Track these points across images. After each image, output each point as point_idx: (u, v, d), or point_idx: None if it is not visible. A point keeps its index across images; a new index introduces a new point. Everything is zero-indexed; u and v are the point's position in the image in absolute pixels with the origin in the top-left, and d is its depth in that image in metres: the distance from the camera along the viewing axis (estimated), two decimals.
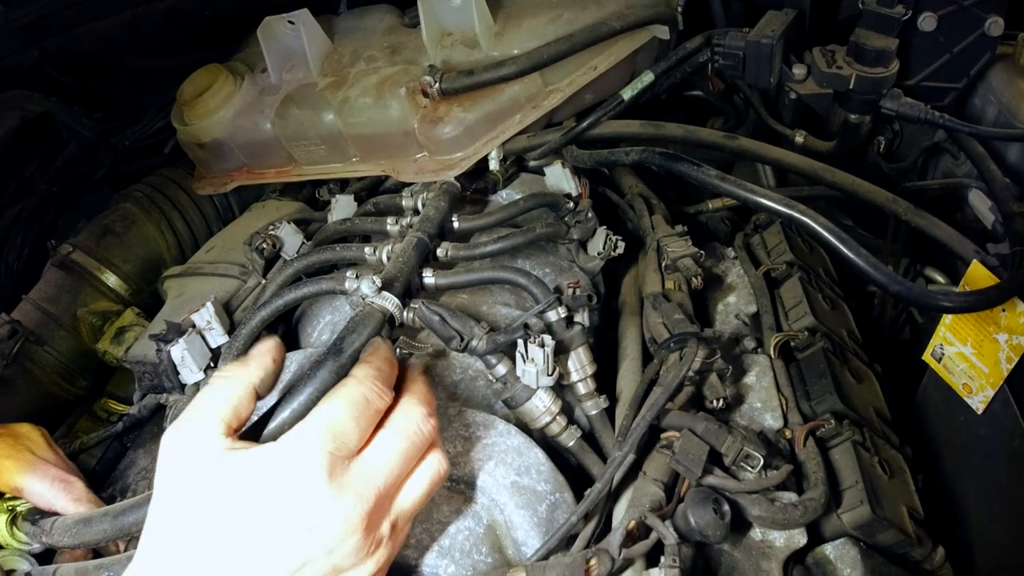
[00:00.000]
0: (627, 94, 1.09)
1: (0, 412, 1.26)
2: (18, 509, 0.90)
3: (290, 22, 1.26)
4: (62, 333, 1.34)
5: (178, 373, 1.03)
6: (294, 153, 1.27)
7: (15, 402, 1.29)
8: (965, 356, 0.99)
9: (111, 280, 1.38)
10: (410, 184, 1.22)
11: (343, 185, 1.38)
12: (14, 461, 0.90)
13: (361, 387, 0.67)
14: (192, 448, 0.63)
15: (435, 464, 0.69)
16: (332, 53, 1.28)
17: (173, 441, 0.64)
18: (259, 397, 0.69)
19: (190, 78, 1.38)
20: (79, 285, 1.38)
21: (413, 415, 0.69)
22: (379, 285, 0.82)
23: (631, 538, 0.75)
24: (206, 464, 0.62)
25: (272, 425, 0.72)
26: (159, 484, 0.63)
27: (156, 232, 1.45)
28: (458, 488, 0.82)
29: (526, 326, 0.86)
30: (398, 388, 0.72)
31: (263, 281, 1.16)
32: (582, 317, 0.95)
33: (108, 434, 1.22)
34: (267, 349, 0.71)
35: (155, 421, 1.20)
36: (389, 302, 0.83)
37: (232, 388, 0.66)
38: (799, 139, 1.21)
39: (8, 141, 1.77)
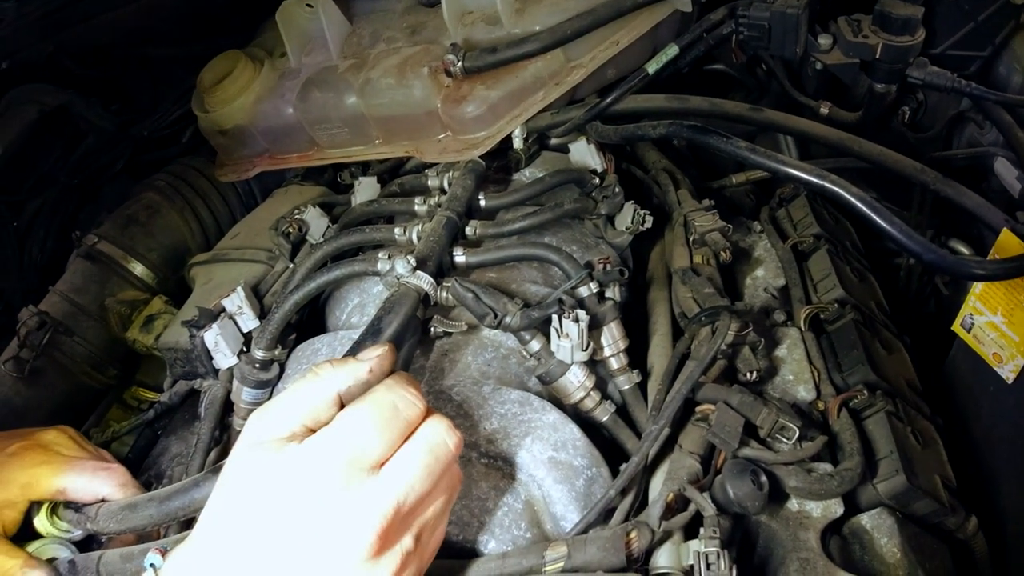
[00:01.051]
0: (652, 67, 1.08)
1: (32, 403, 1.28)
2: (59, 498, 0.91)
3: (308, 5, 1.25)
4: (90, 323, 1.35)
5: (211, 358, 1.04)
6: (316, 137, 1.27)
7: (46, 393, 1.31)
8: (995, 325, 0.99)
9: (137, 269, 1.39)
10: (431, 165, 1.23)
11: (364, 168, 1.38)
12: (48, 466, 0.89)
13: (391, 394, 0.65)
14: (257, 441, 0.63)
15: (456, 475, 0.69)
16: (351, 35, 1.28)
17: (249, 428, 0.65)
18: (342, 406, 0.65)
19: (209, 65, 1.38)
20: (106, 275, 1.39)
21: (440, 427, 0.66)
22: (414, 265, 0.83)
23: (670, 511, 0.76)
24: (259, 460, 0.62)
25: None
26: (227, 465, 0.64)
27: (180, 220, 1.46)
28: (496, 464, 0.83)
29: (560, 301, 0.86)
30: None
31: (290, 265, 1.17)
32: (613, 292, 0.96)
33: (139, 422, 1.24)
34: (371, 356, 0.69)
35: (186, 408, 1.21)
36: (424, 281, 0.83)
37: (316, 393, 0.65)
38: (824, 110, 1.20)
39: (26, 135, 1.79)
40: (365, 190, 1.22)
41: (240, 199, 1.54)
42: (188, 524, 0.86)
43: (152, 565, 0.70)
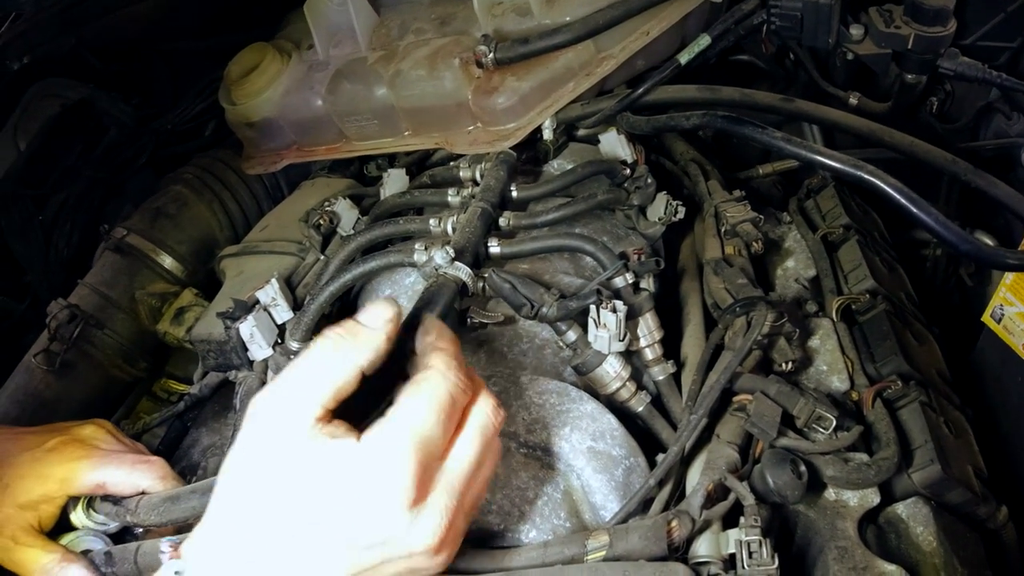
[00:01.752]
0: (684, 58, 1.08)
1: (62, 396, 1.29)
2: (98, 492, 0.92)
3: None
4: (121, 315, 1.36)
5: (247, 350, 1.05)
6: (345, 129, 1.28)
7: (76, 386, 1.32)
8: None
9: (167, 262, 1.40)
10: (459, 156, 1.23)
11: (391, 160, 1.39)
12: (87, 461, 0.91)
13: (446, 383, 0.63)
14: (282, 424, 0.60)
15: (498, 448, 0.68)
16: (379, 26, 1.29)
17: (266, 410, 0.61)
18: (365, 379, 0.63)
19: (236, 58, 1.39)
20: (135, 268, 1.40)
21: (487, 409, 0.65)
22: (452, 256, 0.84)
23: (710, 500, 0.77)
24: (290, 446, 0.60)
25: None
26: (239, 450, 0.61)
27: (208, 213, 1.47)
28: (535, 454, 0.84)
29: (598, 292, 0.87)
30: None
31: (321, 257, 1.18)
32: (648, 283, 0.96)
33: (170, 414, 1.25)
34: (384, 322, 0.65)
35: (216, 399, 1.23)
36: (462, 272, 0.84)
37: (339, 369, 0.62)
38: (853, 100, 1.21)
39: (49, 129, 1.80)
40: (394, 182, 1.22)
41: (267, 191, 1.54)
42: None
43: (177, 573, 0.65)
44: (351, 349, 0.63)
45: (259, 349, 1.03)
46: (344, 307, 1.18)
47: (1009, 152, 1.16)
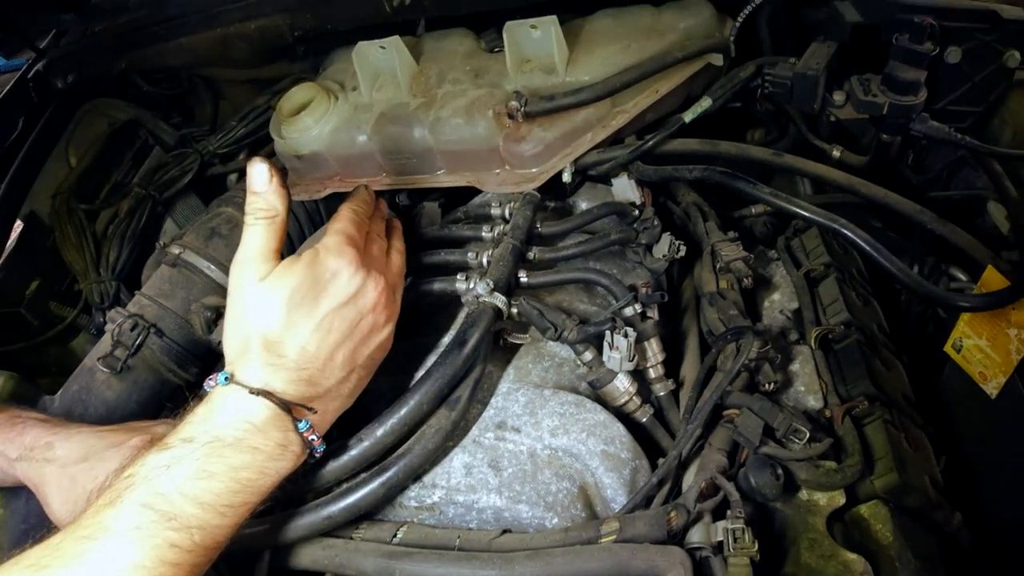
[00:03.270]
0: (688, 117, 1.24)
1: (122, 397, 1.42)
2: None
3: (382, 47, 1.41)
4: (176, 325, 1.48)
5: None
6: (385, 165, 1.42)
7: (135, 388, 1.44)
8: (981, 348, 1.10)
9: (219, 277, 1.53)
10: (481, 192, 1.38)
11: (421, 192, 1.53)
12: None
13: (353, 214, 1.03)
14: (250, 268, 0.92)
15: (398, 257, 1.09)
16: (418, 74, 1.43)
17: (239, 270, 0.93)
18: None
19: (288, 95, 1.52)
20: (191, 282, 1.52)
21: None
22: (492, 286, 0.99)
23: (703, 496, 0.91)
24: (261, 277, 0.92)
25: (412, 401, 0.89)
26: (236, 300, 0.94)
27: None
28: (556, 455, 0.99)
29: (613, 319, 1.02)
30: None
31: None
32: (653, 312, 1.11)
33: None
34: (263, 182, 0.94)
35: None
36: (499, 300, 1.00)
37: (271, 229, 0.93)
38: (836, 153, 1.33)
39: (100, 147, 1.94)
40: (428, 214, 1.37)
41: (308, 215, 1.67)
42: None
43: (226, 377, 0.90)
44: (258, 214, 0.93)
45: None
46: None
47: (976, 201, 1.26)
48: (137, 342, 1.45)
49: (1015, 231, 1.08)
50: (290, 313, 0.90)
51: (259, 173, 0.93)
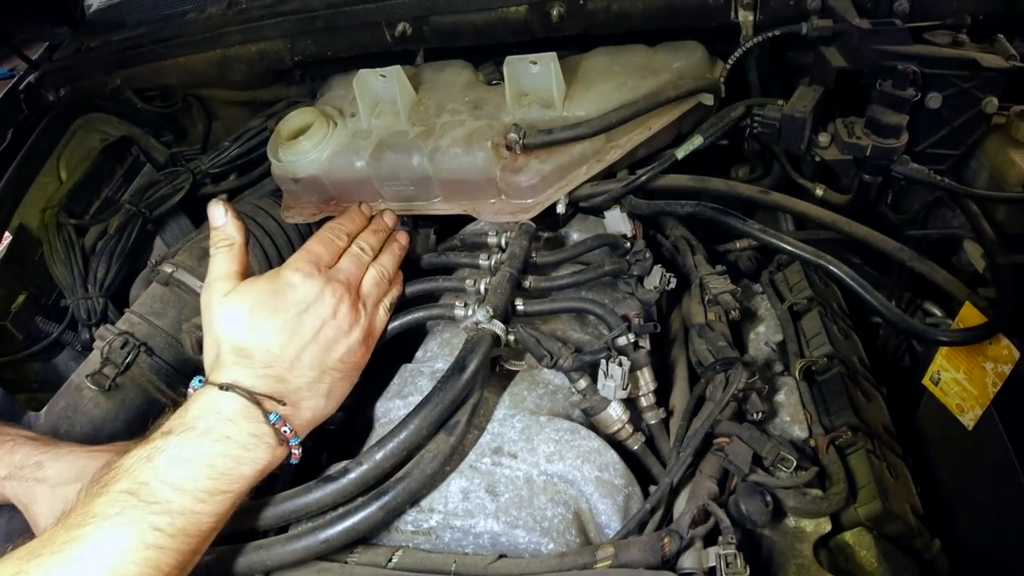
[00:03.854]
0: (680, 154, 1.28)
1: (109, 416, 1.41)
2: None
3: (382, 75, 1.44)
4: (167, 344, 1.48)
5: None
6: (382, 191, 1.44)
7: (122, 407, 1.43)
8: (958, 381, 1.14)
9: None
10: (474, 220, 1.41)
11: (416, 219, 1.56)
12: None
13: (326, 232, 1.16)
14: (216, 287, 1.04)
15: (377, 269, 1.16)
16: (418, 104, 1.46)
17: (207, 291, 1.05)
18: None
19: (286, 119, 1.54)
20: (183, 301, 1.53)
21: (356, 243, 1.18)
22: (491, 313, 1.02)
23: (694, 523, 0.93)
24: (225, 293, 1.03)
25: (411, 426, 0.91)
26: (206, 317, 1.04)
27: (249, 256, 1.61)
28: (552, 481, 1.01)
29: (608, 348, 1.05)
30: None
31: None
32: (645, 342, 1.15)
33: None
34: (220, 215, 1.10)
35: None
36: (497, 327, 1.02)
37: (231, 254, 1.07)
38: (819, 192, 1.38)
39: (91, 162, 1.94)
40: (423, 240, 1.40)
41: (301, 238, 1.69)
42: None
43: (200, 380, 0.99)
44: (228, 241, 1.08)
45: None
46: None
47: (953, 239, 1.30)
48: (127, 360, 1.44)
49: (991, 269, 1.13)
50: (253, 320, 1.00)
51: (217, 211, 1.10)
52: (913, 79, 1.19)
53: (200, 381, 0.98)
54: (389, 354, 1.21)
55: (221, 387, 0.94)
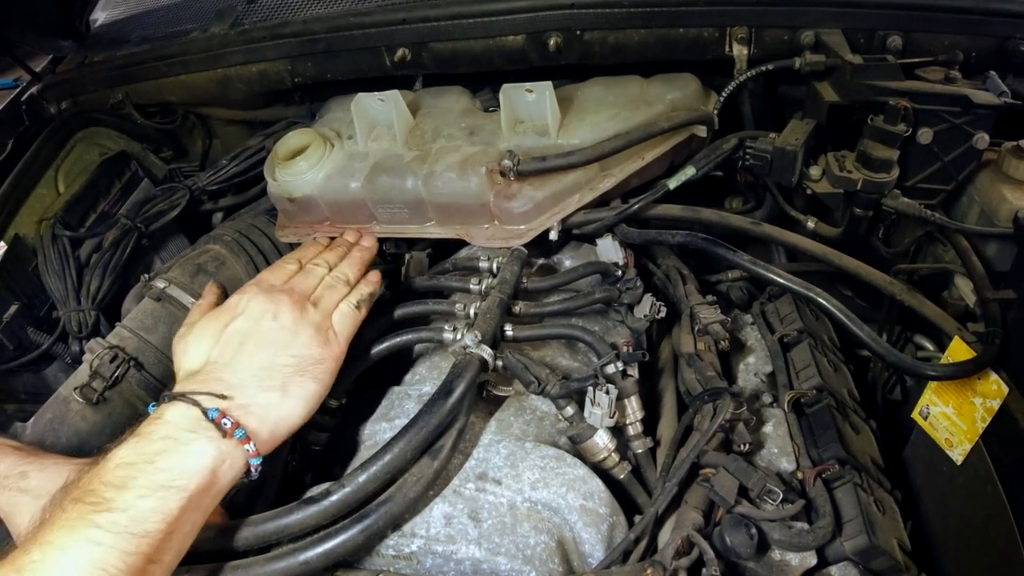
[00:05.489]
0: (672, 184, 1.29)
1: (95, 429, 1.39)
2: None
3: (380, 100, 1.45)
4: (156, 360, 1.47)
5: None
6: (376, 213, 1.45)
7: (108, 420, 1.41)
8: (947, 415, 1.15)
9: None
10: (468, 245, 1.42)
11: (409, 242, 1.57)
12: None
13: (278, 262, 1.27)
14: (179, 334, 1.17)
15: (332, 276, 1.21)
16: (414, 128, 1.47)
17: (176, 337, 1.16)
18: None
19: (284, 139, 1.55)
20: (174, 317, 1.53)
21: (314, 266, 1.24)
22: (480, 338, 1.02)
23: (679, 553, 0.93)
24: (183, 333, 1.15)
25: (395, 449, 0.91)
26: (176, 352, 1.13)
27: (243, 273, 1.61)
28: (536, 508, 1.00)
29: (596, 376, 1.05)
30: None
31: None
32: (634, 370, 1.15)
33: None
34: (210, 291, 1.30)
35: None
36: (485, 352, 1.02)
37: (197, 309, 1.21)
38: (811, 224, 1.39)
39: (89, 175, 1.95)
40: (416, 264, 1.40)
41: None
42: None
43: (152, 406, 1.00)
44: (203, 303, 1.25)
45: None
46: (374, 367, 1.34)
47: (943, 274, 1.31)
48: (116, 374, 1.43)
49: (980, 304, 1.13)
50: (196, 341, 1.09)
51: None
52: (904, 114, 1.20)
53: (151, 406, 1.00)
54: (377, 377, 1.21)
55: (166, 398, 0.97)
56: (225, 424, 0.94)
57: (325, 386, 1.08)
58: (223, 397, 0.98)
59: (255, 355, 1.04)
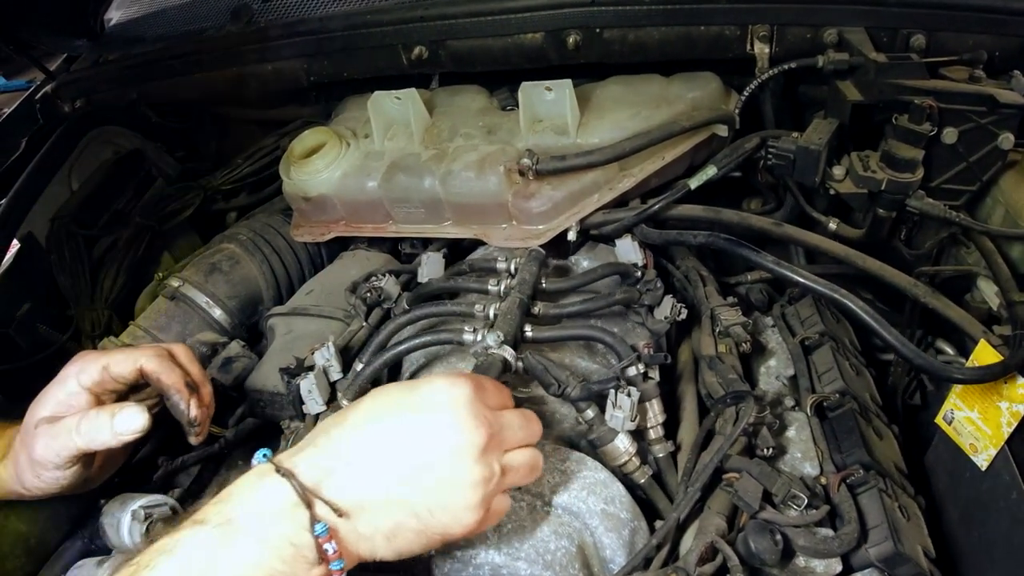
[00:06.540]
0: (693, 183, 1.28)
1: None
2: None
3: (397, 98, 1.44)
4: None
5: (303, 404, 1.17)
6: (393, 213, 1.44)
7: None
8: (972, 420, 1.12)
9: (216, 313, 1.54)
10: (483, 244, 1.41)
11: (424, 241, 1.55)
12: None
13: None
14: None
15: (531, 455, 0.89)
16: (431, 127, 1.47)
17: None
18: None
19: (299, 138, 1.55)
20: (188, 316, 1.54)
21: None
22: (502, 339, 1.00)
23: (702, 560, 0.91)
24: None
25: None
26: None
27: (257, 272, 1.61)
28: (557, 512, 0.99)
29: (617, 378, 1.04)
30: None
31: (364, 325, 1.32)
32: (655, 373, 1.13)
33: (206, 454, 1.33)
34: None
35: (248, 444, 1.34)
36: (507, 352, 1.01)
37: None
38: (832, 226, 1.36)
39: (103, 174, 1.95)
40: (432, 264, 1.39)
41: (310, 257, 1.69)
42: None
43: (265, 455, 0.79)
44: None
45: (315, 404, 1.15)
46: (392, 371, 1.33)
47: (966, 276, 1.29)
48: None
49: (1006, 307, 1.11)
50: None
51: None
52: (929, 114, 1.18)
53: (265, 456, 0.80)
54: (394, 379, 1.19)
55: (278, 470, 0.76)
56: (327, 551, 0.73)
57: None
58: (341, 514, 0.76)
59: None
